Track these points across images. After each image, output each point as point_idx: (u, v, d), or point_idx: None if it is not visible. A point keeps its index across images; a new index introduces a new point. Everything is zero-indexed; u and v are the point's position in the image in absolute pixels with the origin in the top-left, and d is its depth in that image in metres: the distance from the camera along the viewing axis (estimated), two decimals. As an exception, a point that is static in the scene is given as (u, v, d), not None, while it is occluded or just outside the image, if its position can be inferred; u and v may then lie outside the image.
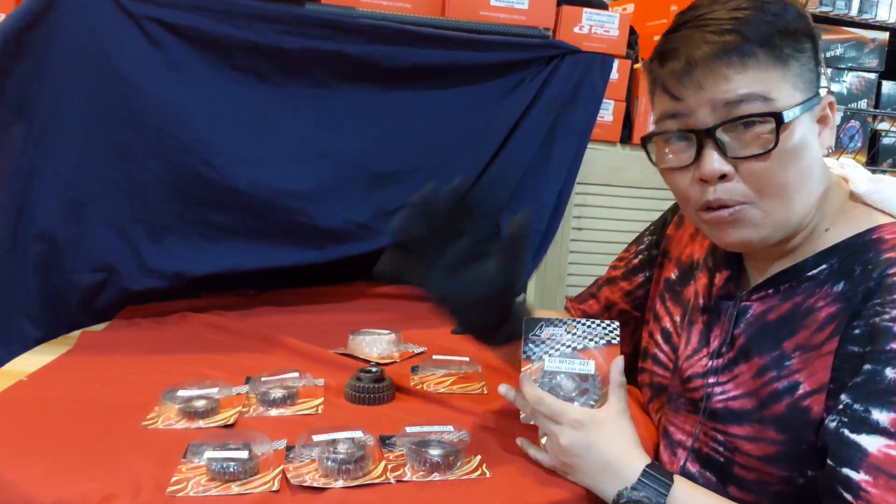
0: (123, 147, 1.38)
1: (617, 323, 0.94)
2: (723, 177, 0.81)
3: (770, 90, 0.78)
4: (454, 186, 0.89)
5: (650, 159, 0.88)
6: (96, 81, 1.35)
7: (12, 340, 1.31)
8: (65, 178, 1.36)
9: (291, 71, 1.49)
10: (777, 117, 0.77)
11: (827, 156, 0.87)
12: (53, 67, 1.32)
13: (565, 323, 0.94)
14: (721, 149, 0.80)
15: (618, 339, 0.93)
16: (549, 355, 0.93)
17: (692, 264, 1.04)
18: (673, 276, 1.07)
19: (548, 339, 0.94)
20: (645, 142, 0.88)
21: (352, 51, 1.50)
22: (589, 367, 0.91)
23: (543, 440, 0.91)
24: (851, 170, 0.90)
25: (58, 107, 1.34)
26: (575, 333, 0.94)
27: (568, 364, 0.92)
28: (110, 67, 1.35)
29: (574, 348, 0.93)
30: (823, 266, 0.84)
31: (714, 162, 0.80)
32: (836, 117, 0.89)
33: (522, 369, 0.93)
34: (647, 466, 0.82)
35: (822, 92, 0.84)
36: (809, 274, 0.84)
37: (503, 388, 0.95)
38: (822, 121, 0.84)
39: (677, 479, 0.82)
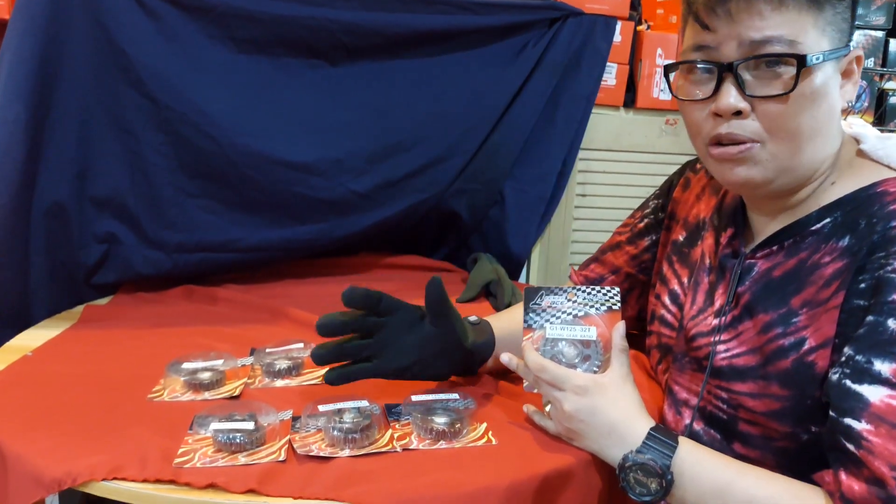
0: (122, 119, 1.38)
1: (617, 289, 0.93)
2: (738, 113, 0.81)
3: (798, 35, 0.78)
4: (361, 294, 0.93)
5: (669, 89, 0.88)
6: (94, 54, 1.34)
7: (26, 327, 1.31)
8: (69, 154, 1.35)
9: (290, 40, 1.47)
10: (800, 60, 0.78)
11: (845, 110, 0.86)
12: (52, 41, 1.30)
13: (565, 291, 0.94)
14: (740, 85, 0.80)
15: (618, 305, 0.93)
16: (550, 323, 0.92)
17: (699, 224, 1.04)
18: (681, 238, 1.07)
19: (548, 307, 0.93)
20: (667, 70, 0.89)
21: (350, 17, 1.48)
22: (591, 333, 0.91)
23: (548, 408, 0.91)
24: (860, 128, 0.90)
25: (57, 81, 1.32)
26: (575, 301, 0.93)
27: (569, 331, 0.92)
28: (108, 39, 1.34)
29: (575, 315, 0.93)
30: (827, 220, 0.83)
31: (731, 97, 0.80)
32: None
33: (524, 338, 0.93)
34: (652, 429, 0.82)
35: (852, 45, 0.83)
36: (813, 228, 0.84)
37: (505, 357, 0.95)
38: (847, 74, 0.84)
39: (682, 440, 0.82)
